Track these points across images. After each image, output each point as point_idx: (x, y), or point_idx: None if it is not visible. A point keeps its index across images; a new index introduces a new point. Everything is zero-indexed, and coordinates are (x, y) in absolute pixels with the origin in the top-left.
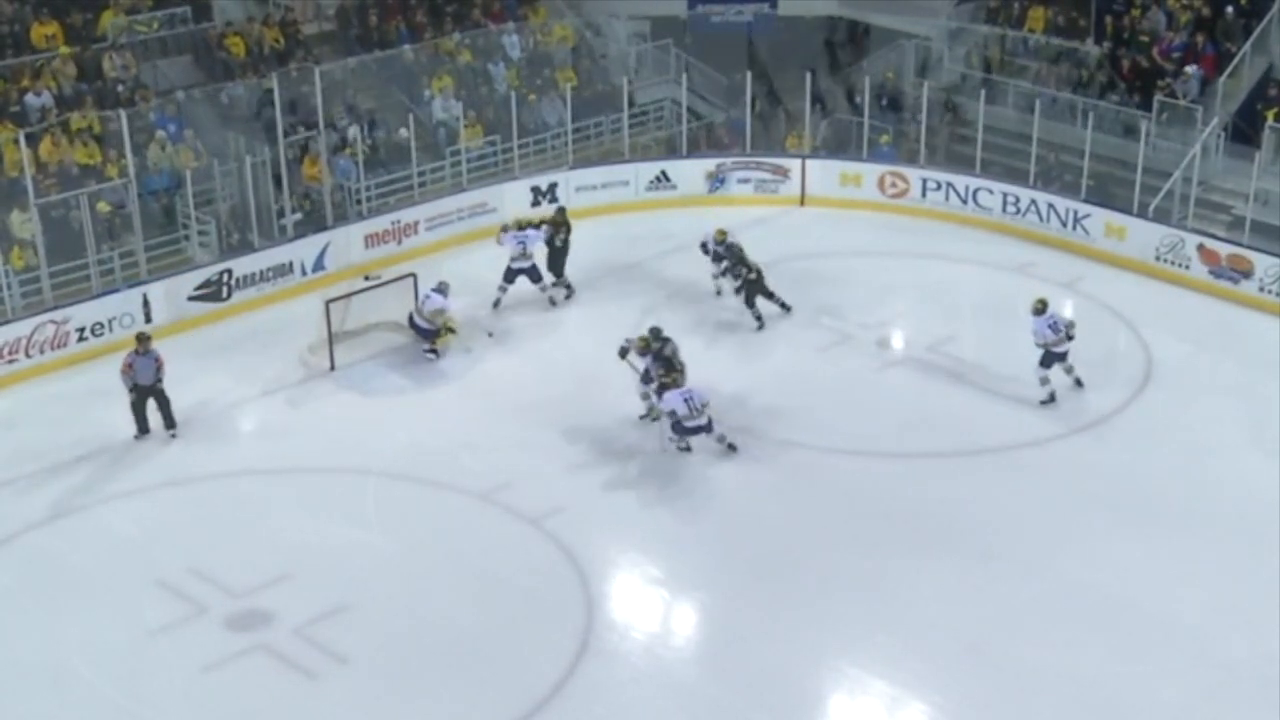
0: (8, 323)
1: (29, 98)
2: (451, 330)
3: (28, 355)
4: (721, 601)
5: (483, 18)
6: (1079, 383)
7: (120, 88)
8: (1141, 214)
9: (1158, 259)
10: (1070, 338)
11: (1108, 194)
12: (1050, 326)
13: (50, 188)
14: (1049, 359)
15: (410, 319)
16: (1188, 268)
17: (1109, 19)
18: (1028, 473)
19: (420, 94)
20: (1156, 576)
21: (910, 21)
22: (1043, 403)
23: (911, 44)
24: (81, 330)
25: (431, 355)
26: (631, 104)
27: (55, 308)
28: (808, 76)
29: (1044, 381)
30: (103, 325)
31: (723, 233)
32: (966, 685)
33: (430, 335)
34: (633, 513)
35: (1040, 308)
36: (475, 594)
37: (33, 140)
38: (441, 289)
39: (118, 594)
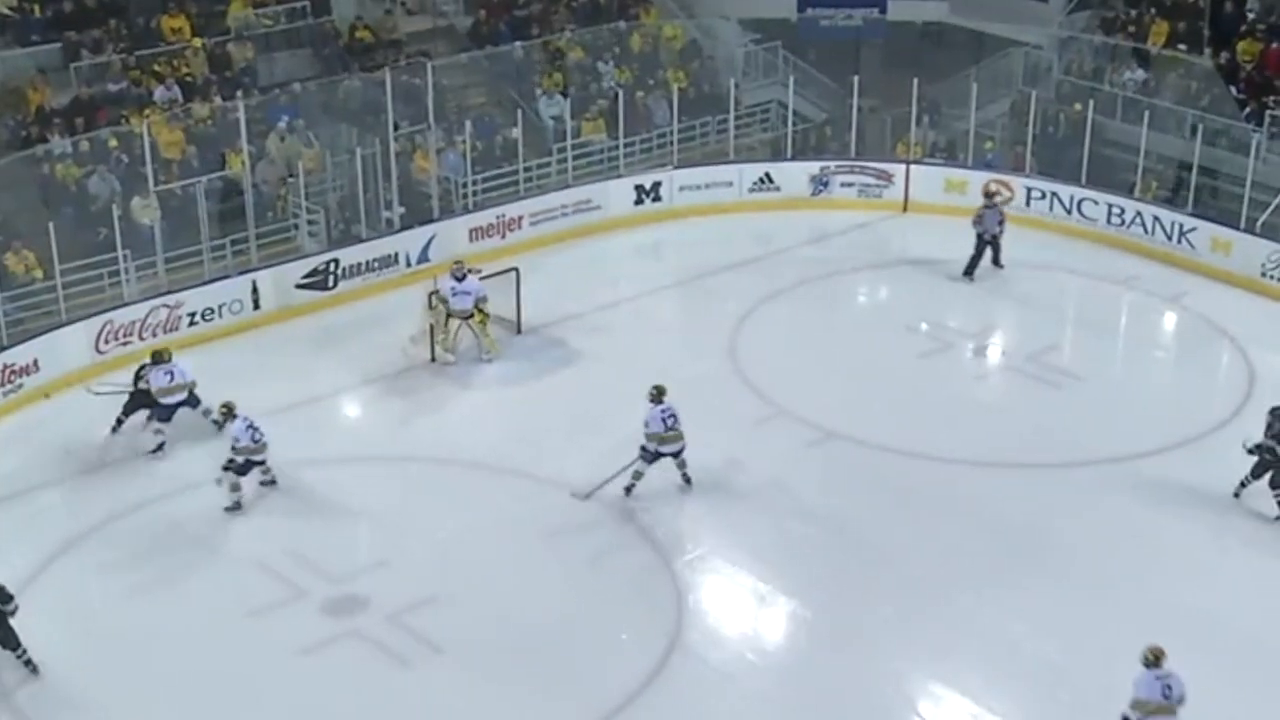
0: (124, 305)
1: (159, 90)
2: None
3: (141, 338)
4: (810, 610)
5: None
6: (688, 480)
7: (246, 80)
8: (1249, 229)
9: (1264, 275)
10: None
11: (1215, 207)
12: (665, 418)
13: (171, 177)
14: (655, 457)
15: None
16: None
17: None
18: (1124, 487)
19: (530, 91)
20: (1253, 595)
21: (1020, 29)
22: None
23: (1021, 51)
24: (192, 315)
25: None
26: (737, 105)
27: (169, 292)
28: (914, 82)
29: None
30: (213, 310)
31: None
32: (1048, 705)
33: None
34: (729, 516)
35: (656, 394)
36: (569, 589)
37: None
38: (459, 275)
39: (219, 573)
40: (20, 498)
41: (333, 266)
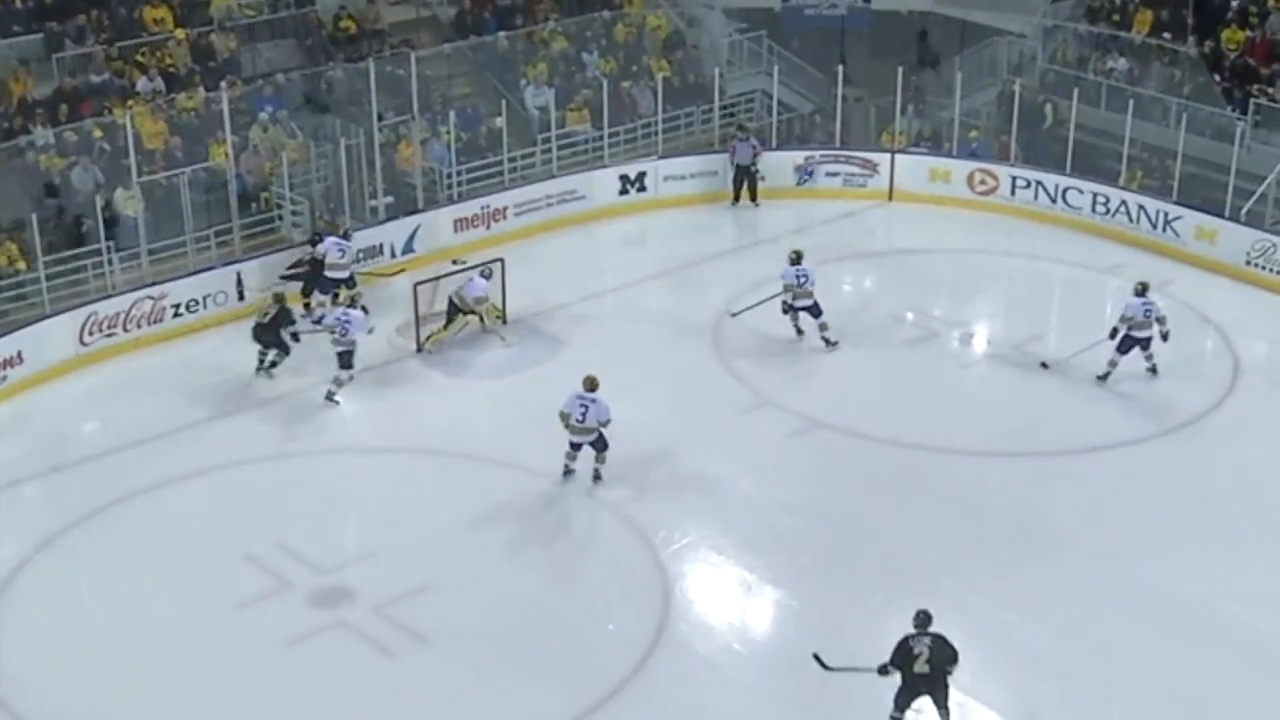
0: (108, 297)
1: (142, 81)
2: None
3: (125, 330)
4: (798, 600)
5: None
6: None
7: (229, 70)
8: (1234, 217)
9: (1249, 263)
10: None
11: (1199, 196)
12: (798, 275)
13: (155, 168)
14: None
15: (450, 302)
16: (1279, 273)
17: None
18: (1109, 476)
19: (514, 81)
20: (1238, 585)
21: (1004, 18)
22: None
23: (1005, 40)
24: (177, 307)
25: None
26: (722, 95)
27: (153, 283)
28: (899, 71)
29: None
30: (197, 302)
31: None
32: (1037, 693)
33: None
34: (716, 506)
35: (795, 257)
36: (555, 579)
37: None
38: (486, 274)
39: (206, 566)
40: (4, 490)
41: None
